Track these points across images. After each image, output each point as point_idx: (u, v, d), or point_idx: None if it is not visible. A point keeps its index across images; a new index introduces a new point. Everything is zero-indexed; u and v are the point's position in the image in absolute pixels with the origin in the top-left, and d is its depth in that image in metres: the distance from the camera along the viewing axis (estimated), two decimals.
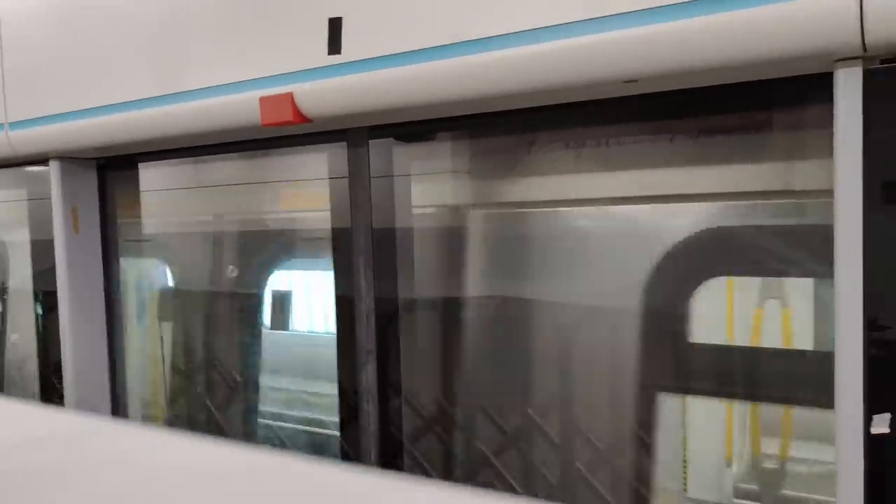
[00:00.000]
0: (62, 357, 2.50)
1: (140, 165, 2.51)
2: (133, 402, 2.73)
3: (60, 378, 2.59)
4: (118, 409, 2.63)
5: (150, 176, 2.56)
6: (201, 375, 2.69)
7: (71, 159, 2.46)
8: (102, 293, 2.58)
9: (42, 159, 2.48)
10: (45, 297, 2.96)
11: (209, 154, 2.33)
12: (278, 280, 3.17)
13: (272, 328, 3.42)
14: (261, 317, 2.78)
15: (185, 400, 2.78)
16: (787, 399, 1.78)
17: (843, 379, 1.21)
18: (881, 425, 1.19)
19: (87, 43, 2.12)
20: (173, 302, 2.81)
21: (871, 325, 1.20)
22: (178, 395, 2.80)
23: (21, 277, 3.20)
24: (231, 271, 2.56)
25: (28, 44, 2.29)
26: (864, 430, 1.19)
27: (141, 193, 2.60)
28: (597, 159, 1.78)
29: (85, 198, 2.53)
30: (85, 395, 2.49)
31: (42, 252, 2.82)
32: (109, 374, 2.59)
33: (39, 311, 3.06)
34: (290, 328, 3.85)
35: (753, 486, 2.33)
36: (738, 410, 2.30)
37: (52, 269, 2.53)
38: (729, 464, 2.33)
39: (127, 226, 2.64)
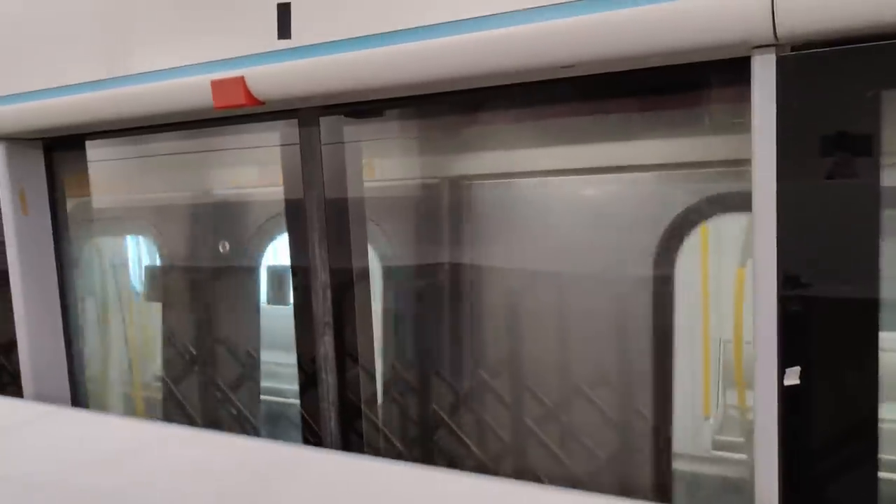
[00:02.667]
0: (18, 342, 2.50)
1: (90, 144, 2.50)
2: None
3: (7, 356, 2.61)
4: (77, 393, 2.66)
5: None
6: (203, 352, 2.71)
7: (17, 140, 2.44)
8: (55, 274, 2.58)
9: None
10: None
11: (158, 132, 2.33)
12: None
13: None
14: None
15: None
16: None
17: (760, 335, 1.35)
18: (792, 377, 1.33)
19: (34, 24, 2.10)
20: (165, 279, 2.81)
21: (785, 284, 1.33)
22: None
23: None
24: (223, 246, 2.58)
25: None
26: (779, 383, 1.33)
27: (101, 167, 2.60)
28: (535, 136, 1.88)
29: (32, 179, 2.51)
30: (41, 379, 2.51)
31: None
32: (66, 355, 2.60)
33: None
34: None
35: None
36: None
37: None
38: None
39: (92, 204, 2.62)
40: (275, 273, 2.61)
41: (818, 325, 1.33)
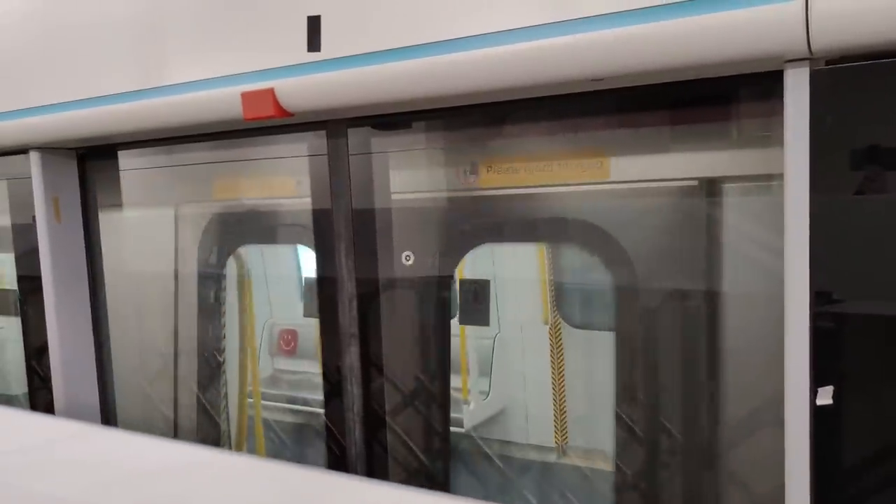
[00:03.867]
0: (50, 354, 2.54)
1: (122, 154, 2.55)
2: None
3: (41, 363, 2.62)
4: (105, 400, 2.68)
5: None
6: None
7: (52, 149, 2.49)
8: (86, 281, 2.62)
9: (22, 150, 2.50)
10: (23, 282, 2.98)
11: (190, 142, 2.37)
12: None
13: None
14: None
15: None
16: None
17: (791, 354, 1.32)
18: (825, 397, 1.30)
19: (70, 36, 2.15)
20: None
21: (818, 300, 1.30)
22: None
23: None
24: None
25: (9, 36, 2.31)
26: (811, 402, 1.31)
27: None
28: (564, 148, 1.87)
29: (66, 187, 2.56)
30: (73, 386, 2.54)
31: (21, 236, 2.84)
32: (96, 361, 2.64)
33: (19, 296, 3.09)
34: None
35: None
36: None
37: (32, 253, 2.55)
38: None
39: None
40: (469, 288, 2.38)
41: (852, 343, 1.30)
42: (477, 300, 2.59)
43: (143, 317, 2.85)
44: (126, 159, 2.60)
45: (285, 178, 2.42)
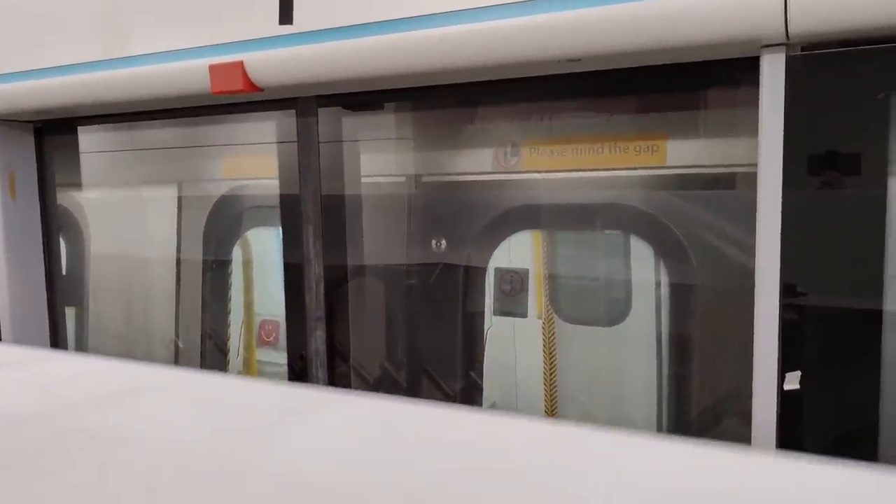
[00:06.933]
0: (1, 330, 2.45)
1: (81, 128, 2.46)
2: None
3: None
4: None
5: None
6: None
7: (6, 121, 2.40)
8: (42, 260, 2.53)
9: None
10: None
11: (154, 118, 2.30)
12: None
13: None
14: None
15: None
16: None
17: (760, 341, 1.33)
18: (792, 382, 1.31)
19: (28, 2, 2.06)
20: None
21: (787, 291, 1.31)
22: None
23: None
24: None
25: None
26: (778, 387, 1.31)
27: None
28: (539, 132, 1.86)
29: (22, 162, 2.47)
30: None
31: None
32: (50, 327, 2.55)
33: None
34: None
35: None
36: None
37: None
38: None
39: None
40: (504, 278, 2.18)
41: (820, 333, 1.31)
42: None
43: (101, 301, 2.78)
44: (88, 135, 2.52)
45: (246, 158, 2.38)
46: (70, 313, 2.69)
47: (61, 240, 2.60)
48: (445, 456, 0.47)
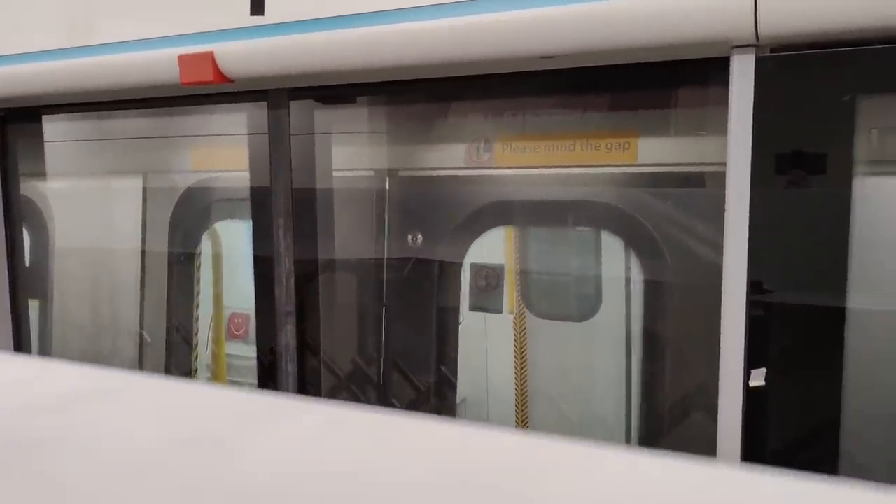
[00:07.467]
0: None
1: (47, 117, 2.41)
2: None
3: None
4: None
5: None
6: None
7: None
8: (5, 249, 2.48)
9: None
10: None
11: (120, 108, 2.26)
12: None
13: None
14: None
15: None
16: None
17: (727, 337, 1.35)
18: (758, 379, 1.33)
19: None
20: None
21: (754, 288, 1.33)
22: None
23: None
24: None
25: None
26: (744, 383, 1.33)
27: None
28: (512, 128, 1.86)
29: None
30: None
31: None
32: (12, 320, 2.49)
33: None
34: None
35: None
36: None
37: None
38: None
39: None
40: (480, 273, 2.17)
41: (785, 330, 1.33)
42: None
43: (65, 294, 2.72)
44: (53, 124, 2.47)
45: (216, 150, 2.35)
46: (34, 306, 2.64)
47: (24, 231, 2.55)
48: (413, 467, 0.47)
